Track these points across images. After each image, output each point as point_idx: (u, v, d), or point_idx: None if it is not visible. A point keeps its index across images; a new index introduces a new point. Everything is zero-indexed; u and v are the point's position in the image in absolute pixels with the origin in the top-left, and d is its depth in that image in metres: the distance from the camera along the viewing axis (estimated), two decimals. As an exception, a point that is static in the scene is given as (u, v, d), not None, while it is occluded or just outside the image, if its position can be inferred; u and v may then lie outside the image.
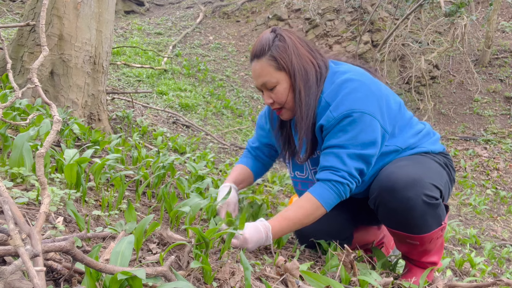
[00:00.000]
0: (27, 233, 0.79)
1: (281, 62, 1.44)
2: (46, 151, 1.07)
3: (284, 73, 1.45)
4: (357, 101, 1.39)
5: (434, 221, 1.38)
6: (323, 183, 1.43)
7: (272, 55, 1.44)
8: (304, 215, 1.42)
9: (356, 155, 1.40)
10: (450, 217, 4.78)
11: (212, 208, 1.68)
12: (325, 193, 1.42)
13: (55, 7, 2.61)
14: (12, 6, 8.85)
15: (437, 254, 1.50)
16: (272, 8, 11.35)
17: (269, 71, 1.45)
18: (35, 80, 1.53)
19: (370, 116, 1.39)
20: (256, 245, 1.38)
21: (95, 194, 1.64)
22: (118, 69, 7.01)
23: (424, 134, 1.59)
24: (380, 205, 1.41)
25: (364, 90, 1.41)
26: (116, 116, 3.76)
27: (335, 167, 1.40)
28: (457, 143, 8.38)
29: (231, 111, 7.36)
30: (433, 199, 1.33)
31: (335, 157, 1.41)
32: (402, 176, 1.34)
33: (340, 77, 1.45)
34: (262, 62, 1.46)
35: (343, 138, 1.39)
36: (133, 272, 0.78)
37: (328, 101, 1.43)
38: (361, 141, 1.39)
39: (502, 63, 10.26)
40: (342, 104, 1.39)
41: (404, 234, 1.42)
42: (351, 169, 1.40)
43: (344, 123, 1.39)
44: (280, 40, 1.45)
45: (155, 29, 10.35)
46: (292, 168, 1.71)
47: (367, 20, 8.72)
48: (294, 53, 1.45)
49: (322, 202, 1.41)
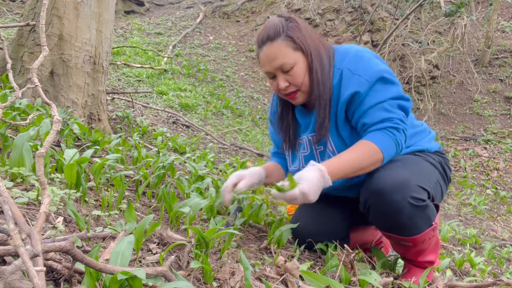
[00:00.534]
0: (27, 233, 0.79)
1: (298, 42, 1.43)
2: (46, 151, 1.07)
3: (301, 53, 1.45)
4: (380, 64, 1.46)
5: (423, 222, 1.38)
6: (380, 131, 1.40)
7: (288, 35, 1.42)
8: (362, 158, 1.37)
9: (398, 104, 1.43)
10: (450, 217, 4.78)
11: (212, 208, 1.68)
12: (382, 138, 1.39)
13: (55, 7, 2.61)
14: (12, 6, 8.85)
15: (433, 253, 1.50)
16: (272, 8, 11.35)
17: (286, 52, 1.42)
18: (35, 80, 1.53)
19: (394, 76, 1.46)
20: (318, 194, 1.33)
21: (95, 194, 1.64)
22: (118, 69, 7.01)
23: (421, 131, 1.60)
24: (370, 209, 1.42)
25: (376, 57, 1.49)
26: (116, 116, 3.75)
27: (387, 117, 1.41)
28: (457, 143, 8.38)
29: (231, 111, 7.36)
30: (420, 201, 1.34)
31: (381, 110, 1.41)
32: (389, 179, 1.35)
33: (351, 50, 1.49)
34: (277, 43, 1.42)
35: (382, 95, 1.42)
36: (133, 272, 0.78)
37: (350, 69, 1.45)
38: (397, 94, 1.43)
39: (502, 63, 10.26)
40: (369, 68, 1.43)
41: (396, 237, 1.43)
42: (400, 116, 1.42)
43: (378, 84, 1.42)
44: (292, 22, 1.45)
45: (155, 29, 10.35)
46: (292, 160, 1.70)
47: (367, 20, 8.72)
48: (307, 34, 1.46)
49: (380, 147, 1.38)
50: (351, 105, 1.46)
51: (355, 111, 1.45)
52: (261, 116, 7.76)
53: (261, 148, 5.96)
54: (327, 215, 1.69)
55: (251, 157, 4.89)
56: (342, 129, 1.50)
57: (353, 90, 1.42)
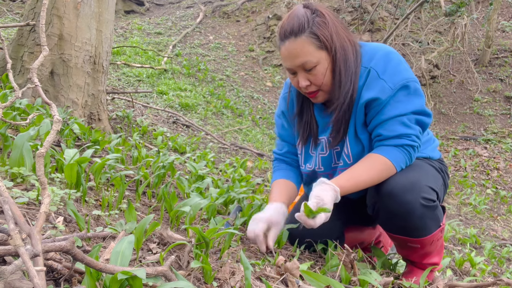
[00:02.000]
0: (27, 233, 0.79)
1: (323, 40, 1.34)
2: (46, 151, 1.07)
3: (326, 52, 1.36)
4: (407, 71, 1.39)
5: (433, 223, 1.38)
6: (396, 147, 1.38)
7: (313, 32, 1.33)
8: (375, 175, 1.36)
9: (416, 120, 1.39)
10: (450, 217, 4.78)
11: (212, 208, 1.68)
12: (397, 155, 1.37)
13: (55, 7, 2.61)
14: (12, 6, 8.85)
15: (438, 255, 1.50)
16: (272, 8, 11.34)
17: (310, 50, 1.34)
18: (35, 80, 1.53)
19: (419, 84, 1.40)
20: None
21: (95, 194, 1.64)
22: (118, 69, 7.01)
23: (427, 140, 1.59)
24: (380, 210, 1.41)
25: (405, 62, 1.43)
26: (116, 116, 3.75)
27: (404, 133, 1.37)
28: (457, 142, 8.38)
29: (231, 111, 7.36)
30: (431, 201, 1.34)
31: (400, 124, 1.37)
32: (400, 180, 1.35)
33: (381, 49, 1.42)
34: (301, 40, 1.33)
35: (403, 108, 1.37)
36: (133, 272, 0.78)
37: (377, 71, 1.38)
38: (419, 108, 1.38)
39: (502, 62, 10.25)
40: (395, 75, 1.37)
41: (405, 238, 1.42)
42: (417, 132, 1.39)
43: (401, 93, 1.37)
44: (319, 16, 1.34)
45: (155, 28, 10.35)
46: (304, 160, 1.63)
47: (367, 20, 8.72)
48: (334, 30, 1.36)
49: (395, 164, 1.37)
50: (370, 110, 1.41)
51: (373, 118, 1.41)
52: (261, 116, 7.75)
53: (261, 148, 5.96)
54: None
55: (251, 157, 4.89)
56: (360, 132, 1.46)
57: (374, 95, 1.37)
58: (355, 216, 1.72)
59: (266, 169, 4.20)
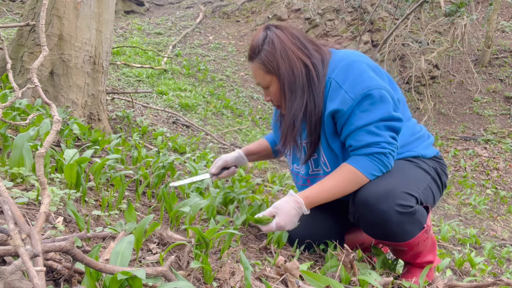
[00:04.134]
0: (27, 233, 0.78)
1: (269, 67, 1.46)
2: (46, 151, 1.07)
3: (274, 76, 1.47)
4: (372, 79, 1.38)
5: (414, 227, 1.38)
6: (365, 156, 1.39)
7: (260, 59, 1.46)
8: (344, 185, 1.40)
9: (386, 126, 1.38)
10: (450, 217, 4.78)
11: (212, 208, 1.68)
12: (367, 163, 1.38)
13: (55, 7, 2.61)
14: (12, 6, 8.85)
15: (430, 253, 1.50)
16: (272, 8, 11.35)
17: (260, 73, 1.49)
18: (35, 80, 1.53)
19: (386, 91, 1.39)
20: (295, 224, 1.41)
21: (95, 194, 1.64)
22: (118, 69, 7.01)
23: (418, 137, 1.58)
24: (359, 219, 1.43)
25: (371, 67, 1.42)
26: (116, 116, 3.75)
27: (372, 142, 1.37)
28: (457, 143, 8.38)
29: (231, 111, 7.36)
30: (408, 207, 1.33)
31: (367, 133, 1.38)
32: (373, 189, 1.36)
33: (345, 59, 1.44)
34: (254, 64, 1.50)
35: (368, 117, 1.37)
36: (133, 272, 0.78)
37: (338, 81, 1.41)
38: (386, 115, 1.38)
39: (502, 63, 10.25)
40: (357, 84, 1.37)
41: (390, 243, 1.44)
42: (387, 138, 1.38)
43: (365, 102, 1.37)
44: (268, 44, 1.45)
45: (155, 29, 10.35)
46: (292, 160, 1.70)
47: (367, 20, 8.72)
48: (281, 56, 1.44)
49: (365, 173, 1.38)
50: (337, 121, 1.44)
51: (342, 129, 1.44)
52: (261, 116, 7.76)
53: (261, 148, 5.95)
54: (318, 220, 1.69)
55: (251, 157, 4.88)
56: (332, 141, 1.49)
57: (335, 106, 1.40)
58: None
59: (266, 169, 4.20)
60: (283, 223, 1.37)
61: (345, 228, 1.75)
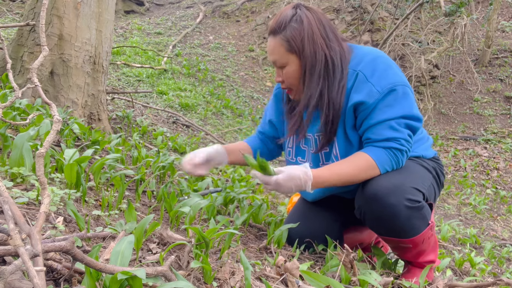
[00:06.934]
0: (27, 233, 0.78)
1: (293, 45, 1.41)
2: (46, 151, 1.07)
3: (295, 56, 1.43)
4: (397, 75, 1.40)
5: (421, 222, 1.38)
6: (383, 149, 1.39)
7: (286, 35, 1.41)
8: (356, 172, 1.38)
9: (406, 124, 1.39)
10: (450, 217, 4.78)
11: (212, 208, 1.68)
12: (383, 156, 1.38)
13: (55, 7, 2.61)
14: (12, 6, 8.85)
15: (432, 252, 1.51)
16: (272, 8, 11.35)
17: (281, 51, 1.43)
18: (35, 80, 1.53)
19: (409, 88, 1.40)
20: (291, 192, 1.37)
21: (95, 194, 1.64)
22: (118, 69, 7.01)
23: (419, 139, 1.59)
24: (366, 214, 1.42)
25: (396, 65, 1.44)
26: (116, 116, 3.75)
27: (392, 137, 1.38)
28: (457, 142, 8.38)
29: (231, 111, 7.36)
30: (416, 202, 1.34)
31: (388, 128, 1.38)
32: (383, 184, 1.35)
33: (371, 53, 1.44)
34: (275, 40, 1.44)
35: (391, 112, 1.37)
36: (133, 272, 0.78)
37: (365, 74, 1.40)
38: (408, 113, 1.39)
39: (502, 62, 10.25)
40: (383, 78, 1.38)
41: (395, 240, 1.43)
42: (406, 136, 1.39)
43: (390, 97, 1.37)
44: (296, 22, 1.41)
45: (155, 29, 10.35)
46: (295, 153, 1.66)
47: (367, 20, 8.71)
48: (308, 37, 1.41)
49: (379, 164, 1.38)
50: (359, 114, 1.43)
51: (362, 122, 1.43)
52: (261, 116, 7.75)
53: (261, 148, 5.95)
54: (318, 217, 1.69)
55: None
56: (351, 134, 1.48)
57: (361, 98, 1.39)
58: (353, 217, 1.73)
59: (266, 169, 4.19)
60: (282, 182, 1.33)
61: (344, 225, 1.75)
